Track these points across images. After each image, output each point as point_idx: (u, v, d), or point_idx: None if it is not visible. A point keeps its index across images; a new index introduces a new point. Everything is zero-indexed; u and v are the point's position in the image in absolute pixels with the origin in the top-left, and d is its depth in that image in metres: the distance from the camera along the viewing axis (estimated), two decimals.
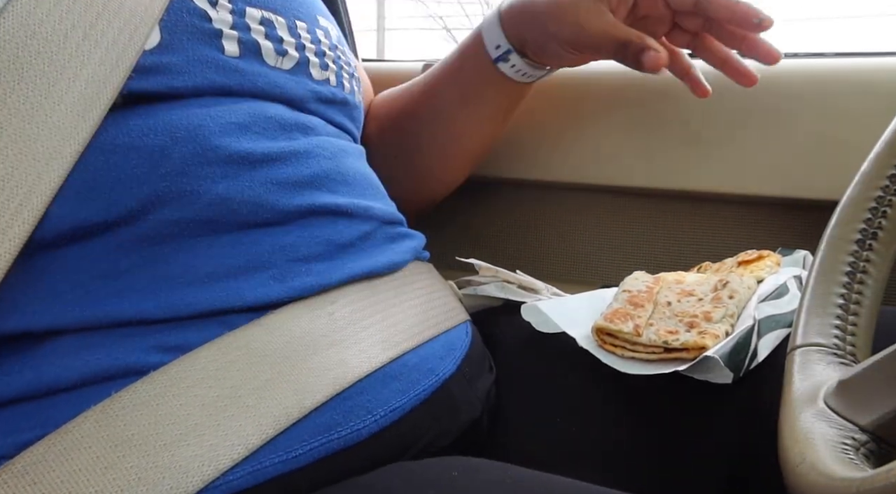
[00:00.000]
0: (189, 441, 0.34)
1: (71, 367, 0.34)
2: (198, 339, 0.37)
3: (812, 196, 0.69)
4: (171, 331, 0.37)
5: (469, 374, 0.50)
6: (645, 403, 0.51)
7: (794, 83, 0.70)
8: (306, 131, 0.47)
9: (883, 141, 0.41)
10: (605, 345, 0.51)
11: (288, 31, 0.48)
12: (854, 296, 0.38)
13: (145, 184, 0.38)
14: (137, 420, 0.34)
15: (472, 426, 0.49)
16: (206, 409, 0.35)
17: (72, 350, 0.35)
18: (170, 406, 0.35)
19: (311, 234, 0.43)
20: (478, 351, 0.53)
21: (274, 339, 0.39)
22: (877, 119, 0.49)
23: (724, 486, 0.48)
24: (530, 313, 0.55)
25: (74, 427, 0.33)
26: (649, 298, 0.54)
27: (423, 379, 0.44)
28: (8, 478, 0.31)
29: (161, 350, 0.36)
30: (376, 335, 0.43)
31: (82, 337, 0.35)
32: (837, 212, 0.41)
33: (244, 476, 0.35)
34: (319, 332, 0.40)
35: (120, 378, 0.35)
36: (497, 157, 0.82)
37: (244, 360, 0.37)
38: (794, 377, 0.36)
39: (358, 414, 0.40)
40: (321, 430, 0.38)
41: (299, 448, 0.37)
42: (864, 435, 0.30)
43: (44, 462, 0.32)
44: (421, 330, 0.47)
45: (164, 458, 0.33)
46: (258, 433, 0.36)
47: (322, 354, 0.40)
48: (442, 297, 0.52)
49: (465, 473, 0.36)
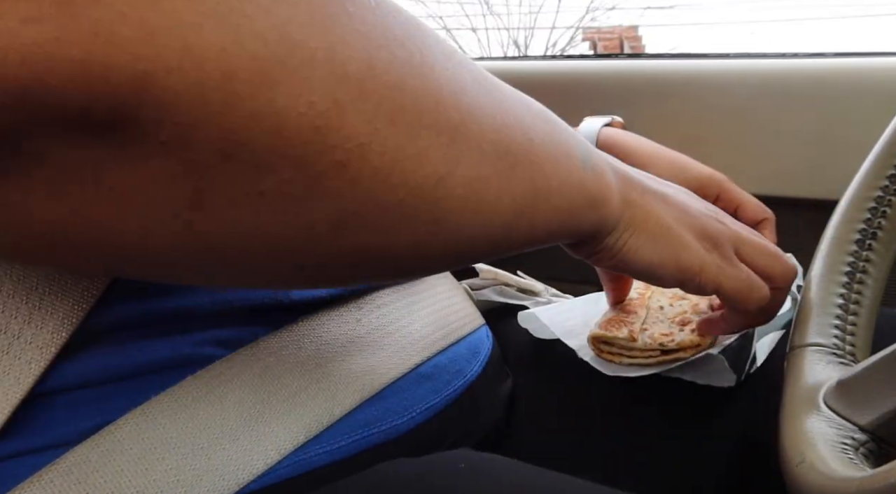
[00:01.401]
0: (224, 445, 0.35)
1: (132, 356, 0.35)
2: (248, 336, 0.38)
3: (812, 196, 0.69)
4: (224, 327, 0.38)
5: (492, 376, 0.51)
6: (646, 403, 0.51)
7: (794, 83, 0.70)
8: None
9: (883, 141, 0.41)
10: (603, 354, 0.51)
11: None
12: (854, 296, 0.38)
13: None
14: (176, 423, 0.35)
15: (494, 426, 0.50)
16: (241, 414, 0.36)
17: (132, 340, 0.35)
18: (207, 410, 0.35)
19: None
20: (497, 354, 0.54)
21: (305, 346, 0.39)
22: (877, 119, 0.49)
23: (724, 485, 0.48)
24: (527, 320, 0.56)
25: (116, 429, 0.34)
26: (641, 304, 0.55)
27: (454, 379, 0.45)
28: (54, 477, 0.32)
29: (214, 343, 0.37)
30: (402, 340, 0.44)
31: (142, 330, 0.36)
32: (837, 212, 0.41)
33: (290, 465, 0.36)
34: (347, 339, 0.41)
35: (178, 368, 0.36)
36: None
37: (277, 367, 0.38)
38: (794, 377, 0.36)
39: (395, 411, 0.41)
40: (361, 425, 0.39)
41: (342, 440, 0.38)
42: (864, 435, 0.30)
43: (87, 462, 0.33)
44: (445, 334, 0.47)
45: (201, 461, 0.34)
46: (290, 439, 0.37)
47: (350, 361, 0.41)
48: (462, 301, 0.53)
49: (471, 465, 0.36)
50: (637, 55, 1.15)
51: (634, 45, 7.32)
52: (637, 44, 7.42)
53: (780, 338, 0.52)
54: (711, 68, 0.74)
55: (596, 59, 0.87)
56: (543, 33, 7.04)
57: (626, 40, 7.31)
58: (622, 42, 7.27)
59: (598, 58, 0.90)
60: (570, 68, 0.77)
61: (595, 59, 0.82)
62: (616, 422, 0.52)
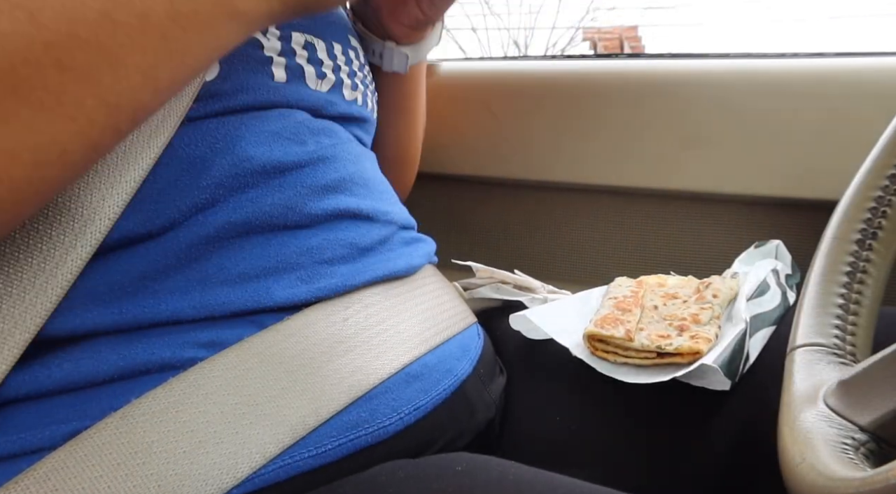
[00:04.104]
0: (208, 449, 0.34)
1: (108, 361, 0.35)
2: (231, 337, 0.38)
3: (812, 196, 0.69)
4: (205, 329, 0.37)
5: (483, 375, 0.51)
6: (644, 403, 0.51)
7: (794, 83, 0.70)
8: (331, 136, 0.48)
9: (883, 141, 0.41)
10: (597, 352, 0.51)
11: (326, 54, 0.50)
12: (854, 296, 0.38)
13: (187, 195, 0.38)
14: (157, 427, 0.34)
15: (487, 426, 0.50)
16: (224, 417, 0.35)
17: (110, 346, 0.35)
18: (189, 413, 0.35)
19: (335, 237, 0.44)
20: (489, 353, 0.54)
21: (290, 346, 0.39)
22: (877, 119, 0.49)
23: (724, 485, 0.48)
24: (518, 322, 0.55)
25: (95, 434, 0.33)
26: (636, 302, 0.55)
27: (443, 379, 0.45)
28: (30, 484, 0.32)
29: (196, 346, 0.37)
30: (390, 340, 0.43)
31: (121, 335, 0.36)
32: (837, 212, 0.41)
33: (276, 469, 0.36)
34: (335, 339, 0.41)
35: (156, 372, 0.36)
36: (497, 158, 0.82)
37: (261, 368, 0.38)
38: (794, 377, 0.36)
39: (384, 412, 0.41)
40: (349, 427, 0.39)
41: (329, 444, 0.38)
42: (864, 435, 0.30)
43: (65, 469, 0.32)
44: (435, 333, 0.47)
45: (183, 466, 0.34)
46: (275, 441, 0.36)
47: (337, 361, 0.40)
48: (452, 299, 0.53)
49: (468, 468, 0.36)
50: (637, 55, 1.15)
51: (634, 45, 7.33)
52: (637, 44, 7.43)
53: (772, 334, 0.52)
54: (711, 68, 0.74)
55: (596, 59, 0.87)
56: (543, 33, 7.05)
57: (626, 40, 7.31)
58: (622, 42, 7.27)
59: (598, 58, 0.90)
60: (570, 68, 0.77)
61: (595, 59, 0.82)
62: (612, 422, 0.52)
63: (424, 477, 0.36)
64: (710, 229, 0.77)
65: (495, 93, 0.83)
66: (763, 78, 0.63)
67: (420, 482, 0.35)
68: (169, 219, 0.38)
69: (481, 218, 0.88)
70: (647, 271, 0.63)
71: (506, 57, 1.86)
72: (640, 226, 0.80)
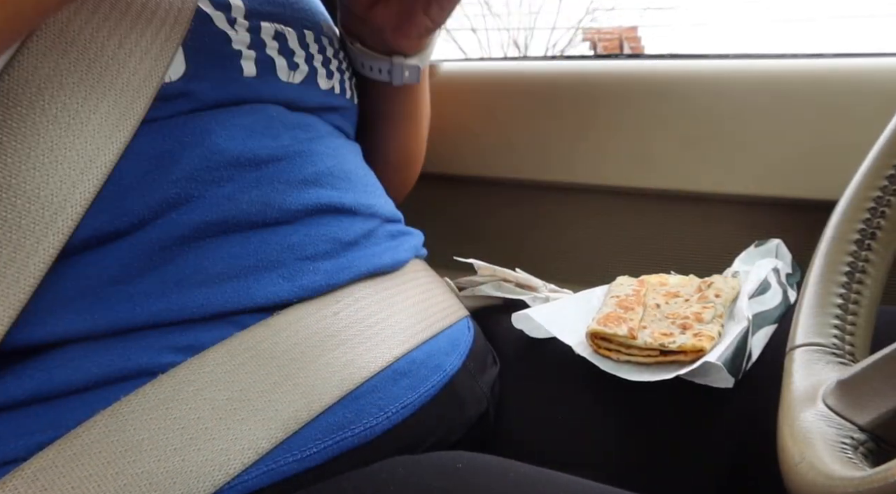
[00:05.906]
0: (199, 446, 0.34)
1: (82, 369, 0.34)
2: (210, 339, 0.37)
3: (812, 196, 0.69)
4: (183, 332, 0.37)
5: (474, 369, 0.50)
6: (645, 401, 0.51)
7: (794, 83, 0.70)
8: (307, 129, 0.47)
9: (882, 141, 0.41)
10: (600, 350, 0.51)
11: (298, 43, 0.48)
12: (853, 296, 0.38)
13: (156, 191, 0.38)
14: (147, 424, 0.34)
15: (480, 420, 0.50)
16: (215, 412, 0.35)
17: (83, 353, 0.35)
18: (180, 409, 0.34)
19: (317, 233, 0.43)
20: (480, 346, 0.53)
21: (281, 341, 0.39)
22: (876, 119, 0.49)
23: (723, 484, 0.48)
24: (521, 321, 0.55)
25: (84, 432, 0.33)
26: (638, 301, 0.55)
27: (432, 374, 0.45)
28: (18, 484, 0.31)
29: (173, 350, 0.36)
30: (381, 333, 0.43)
31: (94, 342, 0.35)
32: (836, 211, 0.41)
33: (259, 475, 0.35)
34: (326, 333, 0.40)
35: (132, 379, 0.35)
36: (496, 158, 0.82)
37: (252, 363, 0.37)
38: (794, 376, 0.36)
39: (370, 412, 0.40)
40: (334, 429, 0.38)
41: (314, 447, 0.37)
42: (863, 435, 0.30)
43: (54, 468, 0.32)
44: (425, 328, 0.47)
45: (174, 463, 0.33)
46: (268, 436, 0.36)
47: (329, 355, 0.40)
48: (441, 294, 0.53)
49: (468, 465, 0.36)
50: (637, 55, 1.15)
51: (634, 46, 7.32)
52: (637, 44, 7.42)
53: (773, 333, 0.52)
54: (711, 68, 0.74)
55: (596, 59, 0.87)
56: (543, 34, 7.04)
57: (626, 41, 7.31)
58: (622, 42, 7.26)
59: (598, 58, 0.90)
60: (570, 68, 0.78)
61: (595, 60, 0.82)
62: (611, 420, 0.52)
63: (425, 474, 0.36)
64: (710, 229, 0.77)
65: (495, 93, 0.83)
66: (763, 78, 0.63)
67: (421, 479, 0.35)
68: (138, 216, 0.37)
69: (481, 217, 0.88)
70: (647, 270, 0.63)
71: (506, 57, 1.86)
72: (640, 226, 0.80)
